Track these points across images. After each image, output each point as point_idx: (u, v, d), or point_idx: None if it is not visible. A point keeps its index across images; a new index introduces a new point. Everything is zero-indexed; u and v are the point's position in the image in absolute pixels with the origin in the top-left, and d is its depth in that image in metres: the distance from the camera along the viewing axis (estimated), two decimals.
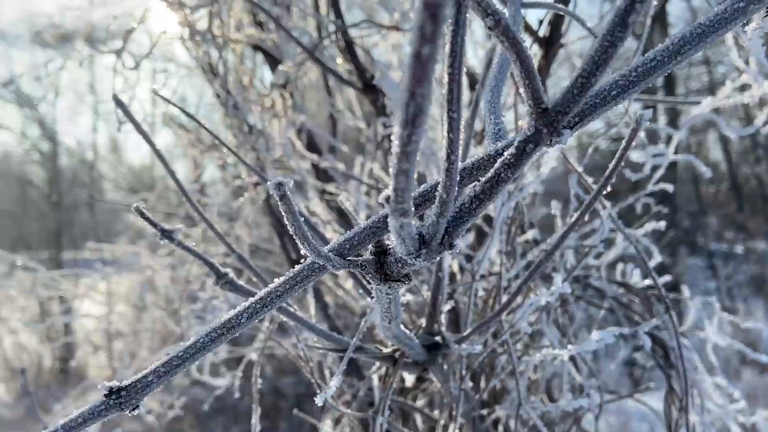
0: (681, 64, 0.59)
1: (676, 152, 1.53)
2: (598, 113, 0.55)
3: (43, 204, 14.50)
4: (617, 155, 0.95)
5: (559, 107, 0.48)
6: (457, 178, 0.48)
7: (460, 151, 0.48)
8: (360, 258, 0.60)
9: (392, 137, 0.40)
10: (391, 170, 0.42)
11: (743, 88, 1.39)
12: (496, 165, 0.51)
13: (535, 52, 1.57)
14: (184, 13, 1.74)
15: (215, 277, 0.79)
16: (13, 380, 7.60)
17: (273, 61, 2.10)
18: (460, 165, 0.59)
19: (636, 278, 1.86)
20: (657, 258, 1.56)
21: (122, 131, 1.76)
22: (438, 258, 0.55)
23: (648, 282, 1.76)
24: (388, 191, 0.45)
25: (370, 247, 0.61)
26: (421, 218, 0.64)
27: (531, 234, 1.45)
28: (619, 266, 1.89)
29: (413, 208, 0.59)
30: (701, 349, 1.83)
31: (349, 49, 1.71)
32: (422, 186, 0.58)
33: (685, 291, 1.58)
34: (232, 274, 0.81)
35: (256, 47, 2.11)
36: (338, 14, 1.66)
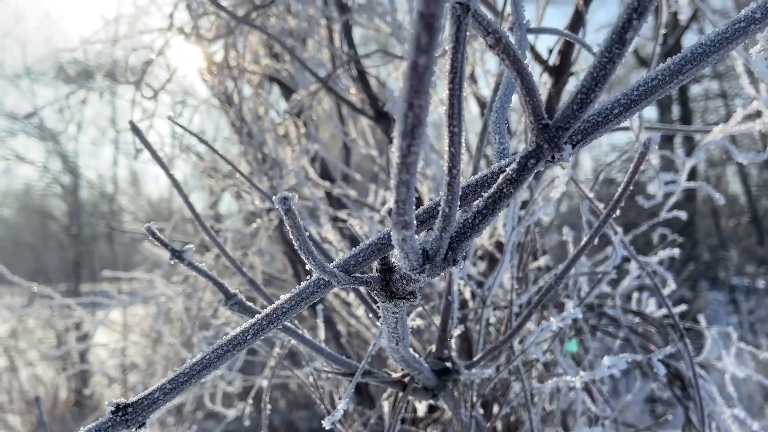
0: (697, 97, 0.60)
1: (690, 179, 1.52)
2: (601, 131, 0.56)
3: (62, 236, 14.69)
4: (626, 179, 0.95)
5: (559, 123, 0.49)
6: (459, 192, 0.48)
7: (462, 167, 0.48)
8: (366, 275, 0.60)
9: (392, 149, 0.41)
10: (392, 182, 0.43)
11: (755, 115, 1.39)
12: (499, 180, 0.52)
13: (545, 80, 1.59)
14: (202, 46, 1.79)
15: (224, 298, 0.79)
16: (29, 412, 7.59)
17: (288, 92, 2.15)
18: (465, 182, 0.60)
19: (652, 307, 1.83)
20: (672, 285, 1.54)
21: (141, 163, 1.79)
22: (442, 273, 0.55)
23: (663, 311, 1.74)
24: (390, 204, 0.45)
25: (375, 264, 0.62)
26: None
27: (543, 260, 1.45)
28: (635, 295, 1.87)
29: (417, 225, 0.60)
30: (723, 383, 1.79)
31: (361, 78, 1.74)
32: (427, 204, 0.58)
33: (702, 321, 1.55)
34: (241, 296, 0.82)
35: (272, 78, 2.16)
36: (351, 45, 1.70)
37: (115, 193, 15.20)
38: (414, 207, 0.50)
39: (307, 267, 0.55)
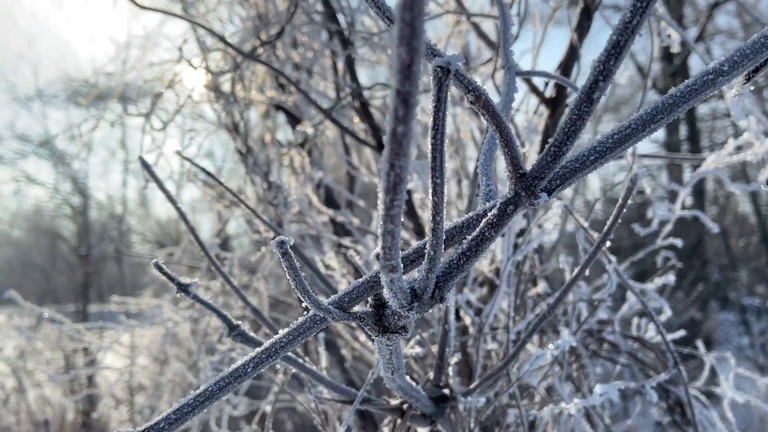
0: (705, 117, 0.64)
1: (698, 198, 1.55)
2: (578, 177, 0.59)
3: (71, 257, 14.78)
4: (614, 212, 0.99)
5: (535, 173, 0.53)
6: (443, 237, 0.52)
7: (444, 212, 0.52)
8: (359, 311, 0.64)
9: (378, 202, 0.45)
10: (378, 230, 0.47)
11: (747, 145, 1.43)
12: (481, 224, 0.55)
13: (542, 112, 1.63)
14: (210, 77, 1.85)
15: (227, 329, 0.83)
16: None
17: (294, 120, 2.20)
18: (452, 224, 0.64)
19: (652, 332, 1.85)
20: (667, 312, 1.56)
21: (150, 186, 1.84)
22: (430, 310, 0.59)
23: (671, 336, 1.76)
24: (378, 249, 0.49)
25: (369, 299, 0.65)
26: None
27: (541, 287, 1.48)
28: (635, 320, 1.89)
29: (408, 264, 0.64)
30: (737, 405, 1.79)
31: (364, 110, 1.79)
32: (414, 245, 0.62)
33: (700, 347, 1.57)
34: (244, 327, 0.85)
35: (278, 107, 2.22)
36: (354, 78, 1.76)
37: (124, 214, 15.32)
38: (401, 249, 0.54)
39: (303, 305, 0.59)
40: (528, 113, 1.63)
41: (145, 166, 1.05)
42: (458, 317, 1.55)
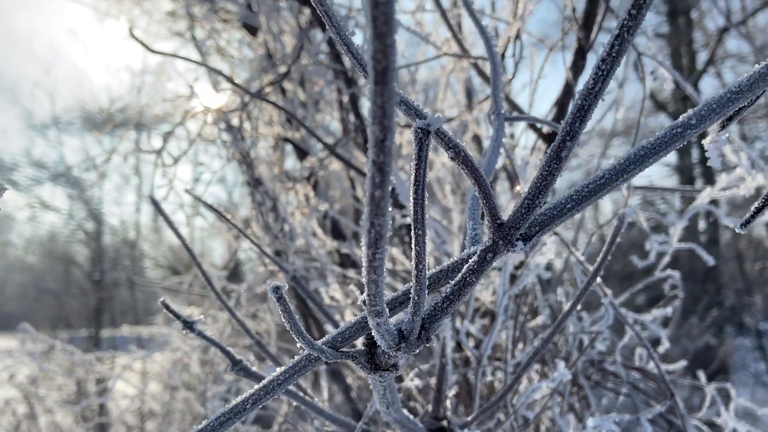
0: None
1: (713, 220, 1.57)
2: (556, 223, 0.63)
3: (85, 282, 14.90)
4: (604, 250, 1.02)
5: (511, 223, 0.57)
6: (426, 284, 0.56)
7: (427, 261, 0.56)
8: (352, 349, 0.68)
9: (361, 255, 0.49)
10: (363, 279, 0.51)
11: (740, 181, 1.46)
12: (463, 270, 0.59)
13: (539, 146, 1.67)
14: (220, 113, 1.92)
15: (231, 364, 0.87)
16: None
17: (301, 152, 2.26)
18: (438, 268, 0.68)
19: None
20: (666, 344, 1.58)
21: (163, 208, 1.89)
22: (417, 351, 0.63)
23: (667, 367, 1.77)
24: (364, 296, 0.54)
25: (362, 339, 0.69)
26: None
27: (540, 319, 1.50)
28: (638, 350, 1.90)
29: (397, 306, 0.68)
30: None
31: (367, 146, 1.83)
32: (401, 289, 0.66)
33: (701, 377, 1.58)
34: (246, 362, 0.89)
35: (285, 139, 2.28)
36: (357, 115, 1.82)
37: (137, 239, 15.47)
38: (385, 294, 0.58)
39: (298, 345, 0.63)
40: (526, 147, 1.67)
41: (155, 204, 1.11)
42: (461, 348, 1.58)
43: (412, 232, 0.55)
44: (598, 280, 1.34)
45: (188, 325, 0.83)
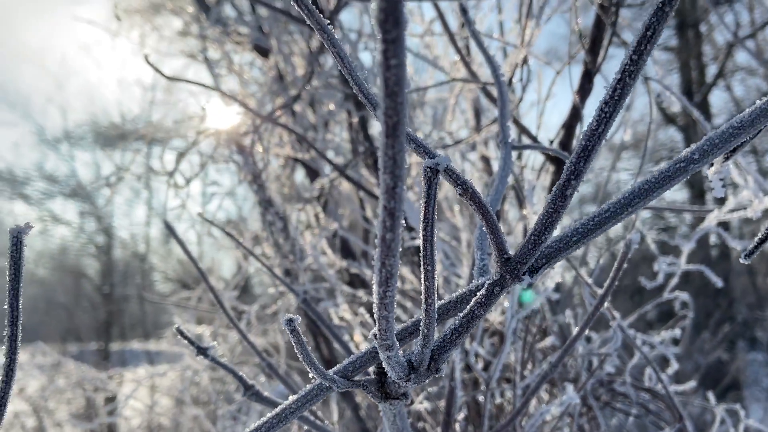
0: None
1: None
2: (562, 256, 0.65)
3: (95, 296, 14.96)
4: (611, 276, 1.03)
5: (518, 258, 0.58)
6: (435, 316, 0.58)
7: (437, 294, 0.58)
8: (363, 378, 0.69)
9: (373, 291, 0.51)
10: (375, 315, 0.53)
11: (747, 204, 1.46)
12: (471, 303, 0.61)
13: (548, 168, 1.69)
14: (230, 134, 1.95)
15: (243, 388, 0.88)
16: None
17: (311, 171, 2.29)
18: (447, 299, 0.70)
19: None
20: (674, 365, 1.58)
21: (173, 222, 1.92)
22: (426, 381, 0.64)
23: (676, 387, 1.77)
24: (375, 330, 0.55)
25: (372, 368, 0.71)
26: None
27: (550, 340, 1.51)
28: (648, 371, 1.90)
29: (407, 336, 0.69)
30: None
31: (376, 166, 1.87)
32: (411, 320, 0.68)
33: (711, 399, 1.58)
34: (258, 386, 0.91)
35: (296, 159, 2.31)
36: (366, 137, 1.84)
37: (147, 253, 15.53)
38: (396, 324, 0.60)
39: (310, 375, 0.64)
40: (534, 167, 1.69)
41: (169, 228, 1.13)
42: (470, 369, 1.58)
43: (422, 266, 0.56)
44: (607, 303, 1.34)
45: (202, 351, 0.85)
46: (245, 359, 2.79)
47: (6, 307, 0.56)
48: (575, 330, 1.56)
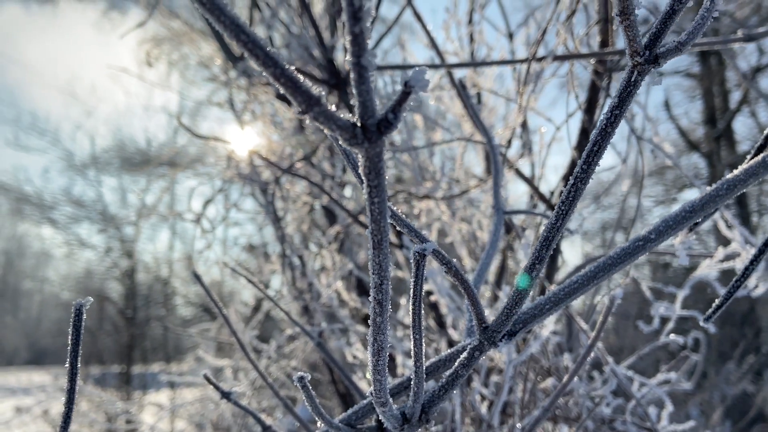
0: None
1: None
2: (537, 322, 0.75)
3: (118, 319, 15.19)
4: (597, 328, 1.13)
5: (494, 327, 0.69)
6: (424, 377, 0.68)
7: (424, 360, 0.68)
8: (365, 426, 0.80)
9: (368, 355, 0.62)
10: (369, 376, 0.64)
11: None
12: (455, 364, 0.71)
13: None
14: (255, 186, 2.09)
15: (261, 428, 0.99)
16: None
17: (329, 212, 2.41)
18: (436, 358, 0.80)
19: (665, 421, 1.92)
20: (669, 408, 1.65)
21: (195, 251, 2.04)
22: (418, 430, 0.74)
23: (673, 426, 1.83)
24: (371, 389, 0.66)
25: (374, 418, 0.81)
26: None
27: (549, 382, 1.59)
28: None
29: (400, 391, 0.79)
30: None
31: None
32: (403, 377, 0.78)
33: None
34: (276, 426, 1.01)
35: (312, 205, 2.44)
36: None
37: (170, 277, 15.77)
38: (388, 384, 0.71)
39: (319, 424, 0.75)
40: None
41: (198, 279, 1.25)
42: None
43: (411, 336, 0.67)
44: (600, 346, 1.43)
45: (226, 395, 0.96)
46: (265, 390, 2.89)
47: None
48: (565, 378, 1.64)
